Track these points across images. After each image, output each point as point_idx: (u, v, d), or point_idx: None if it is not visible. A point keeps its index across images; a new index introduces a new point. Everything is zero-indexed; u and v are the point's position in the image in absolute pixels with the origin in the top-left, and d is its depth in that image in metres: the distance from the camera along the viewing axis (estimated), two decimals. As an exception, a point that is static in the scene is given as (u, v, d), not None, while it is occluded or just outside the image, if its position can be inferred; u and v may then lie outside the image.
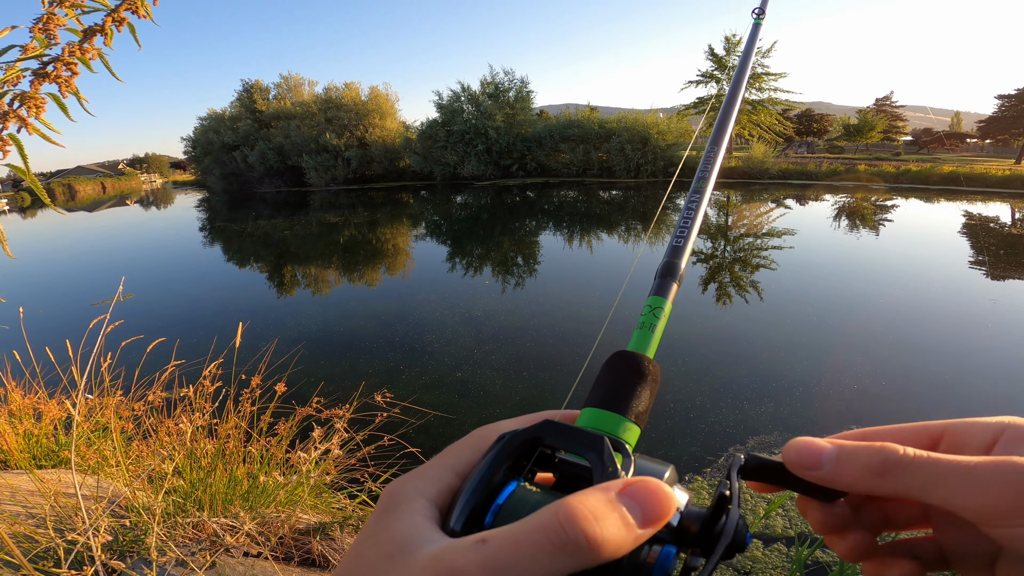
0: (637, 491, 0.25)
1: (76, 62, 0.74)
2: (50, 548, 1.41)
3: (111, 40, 0.75)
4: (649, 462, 0.31)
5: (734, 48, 33.54)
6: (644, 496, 0.25)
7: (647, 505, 0.25)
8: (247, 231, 18.13)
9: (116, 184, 64.62)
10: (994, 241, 11.84)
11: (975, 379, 4.88)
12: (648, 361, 0.35)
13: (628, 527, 0.24)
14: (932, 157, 40.43)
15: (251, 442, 2.27)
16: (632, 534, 0.24)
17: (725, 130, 0.57)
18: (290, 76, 38.87)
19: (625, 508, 0.24)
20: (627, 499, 0.25)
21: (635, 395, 0.33)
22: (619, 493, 0.25)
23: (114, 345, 2.62)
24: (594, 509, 0.24)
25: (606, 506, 0.24)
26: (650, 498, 0.25)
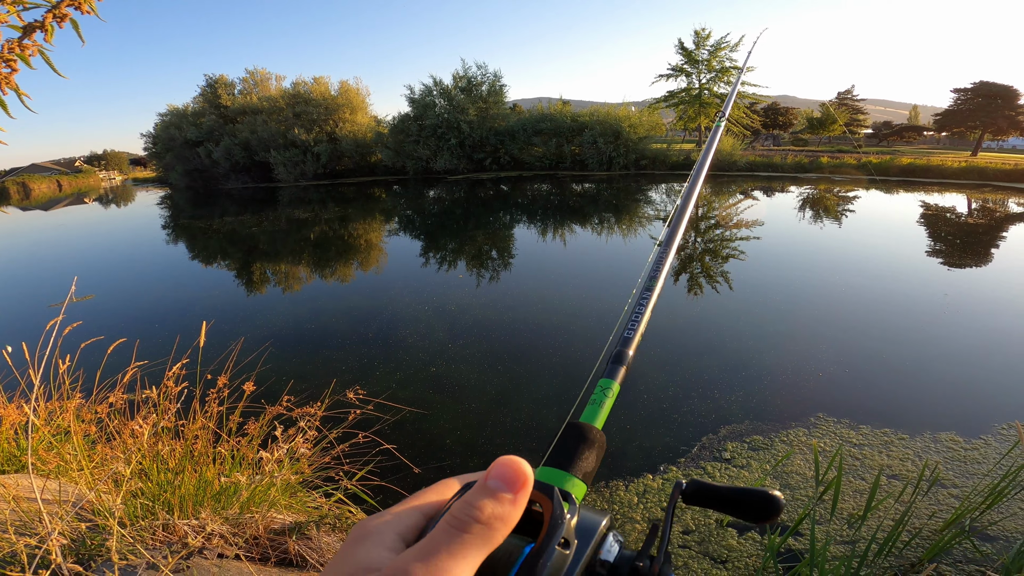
0: (497, 470, 0.32)
1: (15, 59, 0.71)
2: (14, 552, 1.37)
3: (52, 36, 0.73)
4: (590, 512, 0.37)
5: (703, 42, 33.99)
6: (502, 471, 0.32)
7: (506, 477, 0.32)
8: (213, 228, 17.68)
9: (73, 182, 62.16)
10: (951, 231, 12.30)
11: (938, 364, 5.07)
12: (596, 431, 0.41)
13: (500, 498, 0.31)
14: (891, 149, 41.72)
15: (220, 443, 2.23)
16: (506, 502, 0.31)
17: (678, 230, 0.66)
18: (256, 71, 37.91)
19: (493, 486, 0.31)
20: (493, 480, 0.32)
21: (583, 458, 0.39)
22: (485, 479, 0.32)
23: (73, 347, 2.54)
24: (473, 496, 0.31)
25: (481, 491, 0.31)
26: (507, 470, 0.32)
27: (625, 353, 0.49)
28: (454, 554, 0.29)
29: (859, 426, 3.94)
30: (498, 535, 0.31)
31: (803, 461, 3.53)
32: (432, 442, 3.95)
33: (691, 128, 38.01)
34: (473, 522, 0.30)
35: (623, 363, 0.48)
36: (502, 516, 0.31)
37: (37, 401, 1.90)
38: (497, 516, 0.31)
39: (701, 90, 34.93)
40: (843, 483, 3.23)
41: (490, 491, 0.31)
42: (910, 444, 3.73)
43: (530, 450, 3.84)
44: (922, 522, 2.93)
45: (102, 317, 7.25)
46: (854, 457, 3.57)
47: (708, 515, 2.99)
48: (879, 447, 3.70)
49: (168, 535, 1.85)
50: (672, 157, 29.19)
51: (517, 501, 0.31)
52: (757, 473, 3.40)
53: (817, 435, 3.85)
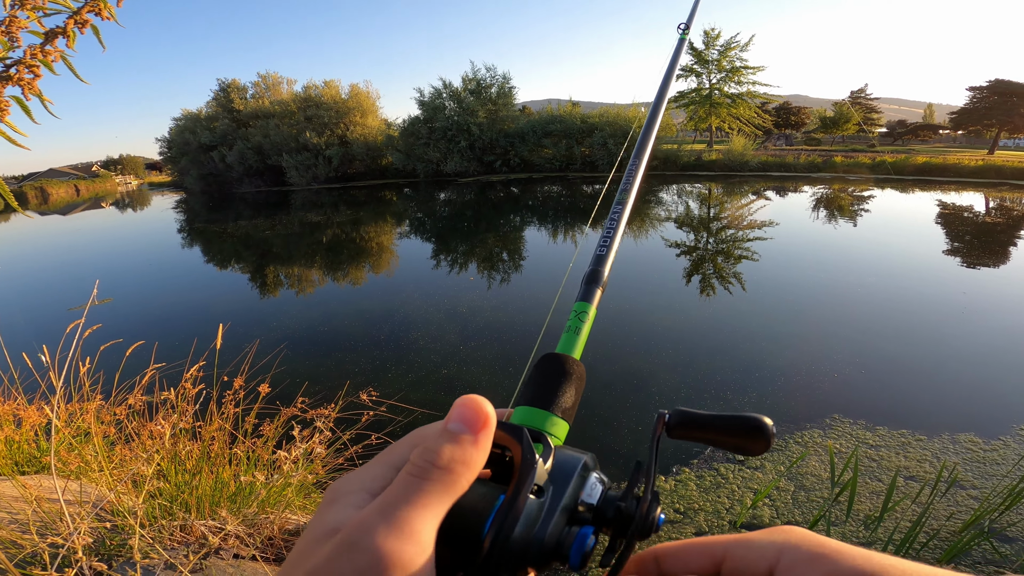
0: (456, 411, 0.31)
1: (38, 64, 0.73)
2: (36, 552, 1.40)
3: (73, 42, 0.74)
4: (569, 450, 0.34)
5: (713, 41, 33.83)
6: (461, 412, 0.30)
7: (466, 417, 0.30)
8: (227, 232, 17.87)
9: (90, 186, 63.20)
10: (968, 230, 12.12)
11: (956, 365, 5.00)
12: (574, 362, 0.38)
13: (459, 439, 0.30)
14: (906, 148, 41.19)
15: (236, 444, 2.26)
16: (466, 443, 0.30)
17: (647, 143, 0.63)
18: (268, 75, 38.43)
19: (452, 428, 0.30)
20: (452, 422, 0.30)
21: (561, 393, 0.36)
22: (445, 423, 0.31)
23: (93, 349, 2.58)
24: (432, 441, 0.30)
25: (440, 435, 0.30)
26: (466, 410, 0.30)
27: (599, 272, 0.46)
28: (414, 503, 0.27)
29: (875, 427, 3.90)
30: (461, 480, 0.29)
31: (818, 462, 3.50)
32: (444, 443, 3.96)
33: (702, 128, 37.82)
34: (432, 467, 0.28)
35: (598, 283, 0.45)
36: (463, 459, 0.29)
37: (58, 403, 1.94)
38: (457, 459, 0.29)
39: (712, 90, 34.74)
40: (859, 484, 3.19)
41: (449, 434, 0.30)
42: (928, 445, 3.68)
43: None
44: (940, 523, 2.89)
45: (120, 320, 7.36)
46: (870, 458, 3.53)
47: (721, 519, 2.97)
48: (896, 448, 3.65)
49: (185, 535, 1.87)
50: (683, 158, 29.04)
51: (478, 442, 0.30)
52: (771, 474, 3.37)
53: (832, 436, 3.81)
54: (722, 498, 3.15)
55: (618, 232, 0.49)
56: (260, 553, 2.05)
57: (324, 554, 0.26)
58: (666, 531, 2.94)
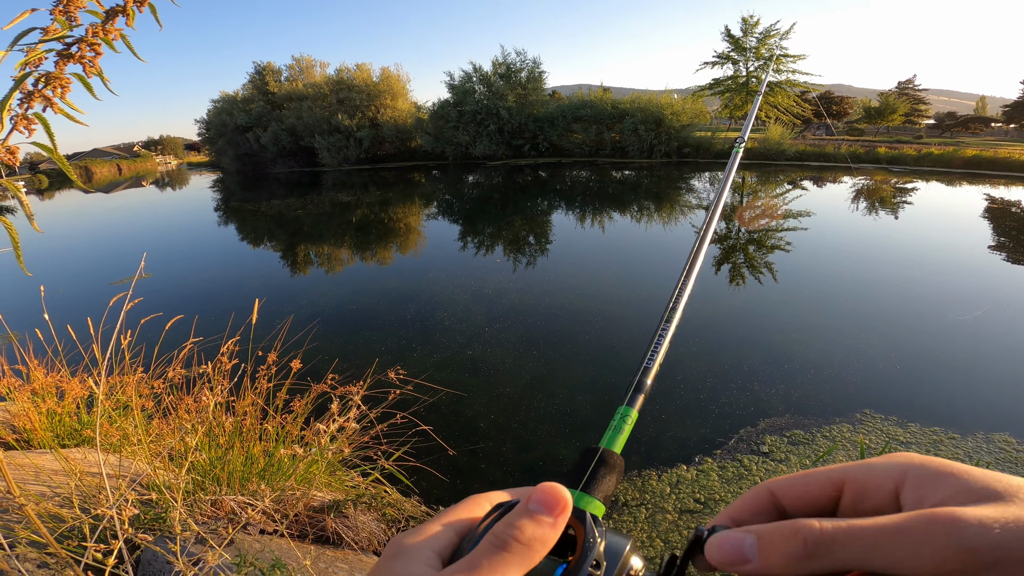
0: (539, 495, 0.33)
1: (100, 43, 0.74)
2: (75, 527, 1.45)
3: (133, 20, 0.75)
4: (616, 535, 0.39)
5: (751, 29, 32.78)
6: (543, 497, 0.33)
7: (547, 502, 0.33)
8: (261, 210, 18.23)
9: (132, 166, 65.03)
10: (1016, 225, 11.60)
11: (993, 362, 4.83)
12: (617, 457, 0.44)
13: (539, 520, 0.32)
14: (955, 141, 39.46)
15: (267, 419, 2.31)
16: (546, 525, 0.33)
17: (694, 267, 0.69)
18: (302, 58, 38.84)
19: (533, 509, 0.33)
20: (533, 504, 0.33)
21: (604, 481, 0.42)
22: (527, 503, 0.33)
23: (133, 323, 2.67)
24: (515, 517, 0.33)
25: (522, 513, 0.33)
26: (548, 496, 0.33)
27: (644, 382, 0.52)
28: (495, 571, 0.30)
29: (907, 424, 3.80)
30: (536, 556, 0.32)
31: (845, 457, 3.43)
32: (467, 425, 4.01)
33: (737, 116, 36.81)
34: (514, 542, 0.32)
35: (642, 392, 0.51)
36: (542, 538, 0.32)
37: (102, 375, 2.01)
38: (537, 538, 0.32)
39: (749, 78, 33.72)
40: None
41: (531, 514, 0.33)
42: (961, 444, 3.57)
43: (564, 436, 3.85)
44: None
45: (158, 295, 7.61)
46: (901, 458, 3.45)
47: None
48: (928, 446, 3.56)
49: (216, 510, 1.93)
50: (716, 145, 28.38)
51: (556, 525, 0.33)
52: (796, 468, 3.32)
53: (863, 431, 3.73)
54: (744, 490, 3.11)
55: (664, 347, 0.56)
56: (287, 529, 2.11)
57: None
58: (684, 520, 2.93)
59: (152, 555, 1.67)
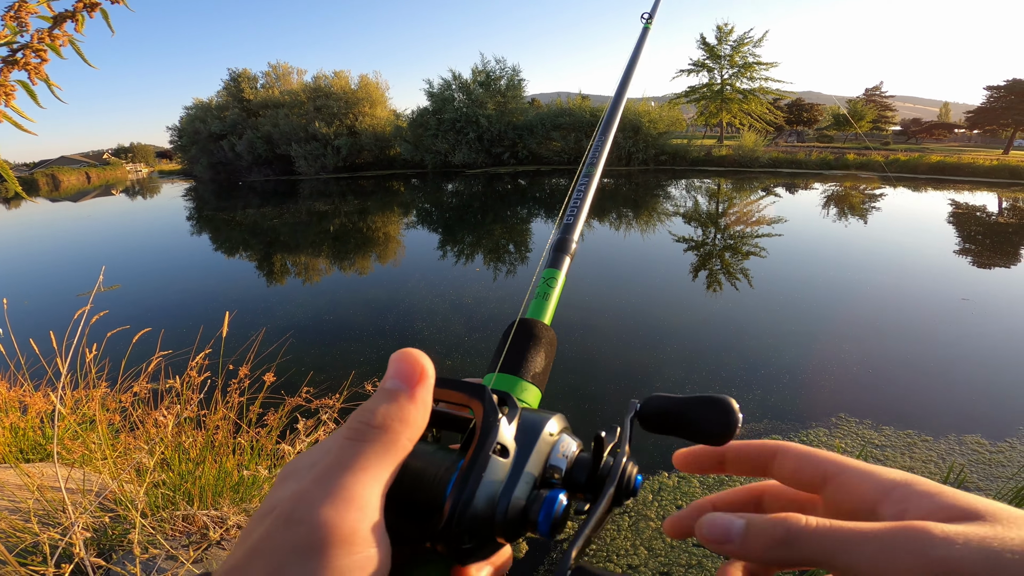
0: (392, 367, 0.29)
1: (45, 49, 0.72)
2: (37, 543, 1.40)
3: (82, 26, 0.73)
4: (535, 412, 0.33)
5: (726, 37, 33.52)
6: (397, 367, 0.28)
7: (402, 371, 0.28)
8: (235, 220, 17.94)
9: (101, 174, 63.54)
10: (981, 230, 11.98)
11: (964, 365, 4.95)
12: (543, 326, 0.38)
13: (396, 396, 0.28)
14: (920, 147, 40.71)
15: (240, 433, 2.26)
16: (404, 400, 0.28)
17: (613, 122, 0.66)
18: (279, 65, 38.56)
19: (388, 386, 0.28)
20: (389, 379, 0.28)
21: (530, 358, 0.36)
22: (385, 378, 0.29)
23: (100, 336, 2.59)
24: (368, 401, 0.28)
25: (376, 394, 0.28)
26: (401, 364, 0.28)
27: (568, 240, 0.47)
28: (352, 467, 0.26)
29: (881, 427, 3.86)
30: (401, 438, 0.27)
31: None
32: (448, 436, 3.97)
33: (712, 124, 37.55)
34: (368, 428, 0.27)
35: (566, 251, 0.46)
36: (400, 416, 0.27)
37: (64, 389, 1.94)
38: (394, 416, 0.27)
39: (723, 85, 34.45)
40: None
41: (385, 392, 0.28)
42: (934, 446, 3.64)
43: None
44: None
45: (128, 307, 7.41)
46: (876, 458, 3.50)
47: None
48: (902, 448, 3.62)
49: (187, 526, 1.88)
50: (692, 152, 28.85)
51: (416, 396, 0.28)
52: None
53: (838, 435, 3.79)
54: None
55: (585, 202, 0.50)
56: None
57: (264, 530, 0.25)
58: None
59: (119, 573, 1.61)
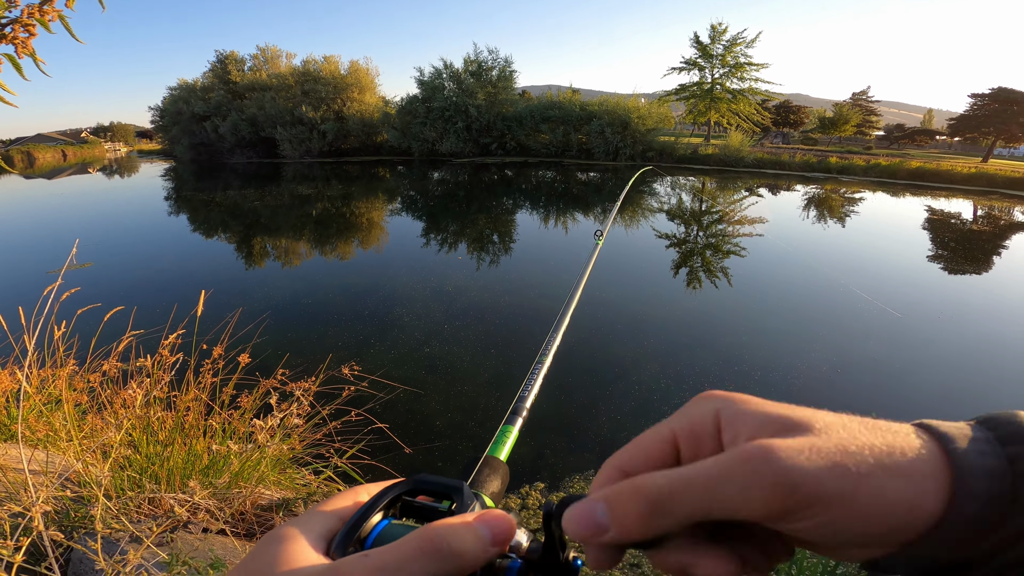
0: (487, 518, 0.32)
1: (35, 24, 0.72)
2: (-2, 520, 1.38)
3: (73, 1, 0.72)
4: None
5: (719, 36, 33.67)
6: (492, 521, 0.32)
7: (495, 528, 0.32)
8: (215, 201, 17.65)
9: (78, 152, 61.88)
10: (954, 236, 12.25)
11: (933, 368, 5.08)
12: (500, 462, 0.48)
13: (481, 542, 0.31)
14: (902, 152, 41.39)
15: (212, 415, 2.24)
16: (484, 548, 0.31)
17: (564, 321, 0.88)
18: (267, 48, 37.99)
19: (478, 528, 0.31)
20: (480, 523, 0.31)
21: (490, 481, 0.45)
22: (475, 519, 0.32)
23: (70, 314, 2.55)
24: (455, 528, 0.31)
25: (464, 527, 0.31)
26: (497, 523, 0.32)
27: (522, 407, 0.63)
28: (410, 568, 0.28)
29: (848, 426, 3.95)
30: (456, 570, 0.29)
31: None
32: (424, 423, 3.98)
33: (700, 122, 37.75)
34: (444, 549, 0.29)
35: (519, 414, 0.62)
36: (472, 558, 0.30)
37: (30, 368, 1.91)
38: (468, 555, 0.30)
39: (713, 85, 34.63)
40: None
41: (473, 529, 0.31)
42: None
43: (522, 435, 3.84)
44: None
45: (100, 285, 7.28)
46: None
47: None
48: (867, 448, 3.72)
49: (154, 508, 1.86)
50: (679, 150, 29.00)
51: (490, 554, 0.31)
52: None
53: (806, 433, 3.87)
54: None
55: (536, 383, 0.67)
56: (231, 528, 2.05)
57: None
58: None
59: (82, 554, 1.60)
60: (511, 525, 0.32)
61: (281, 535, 0.32)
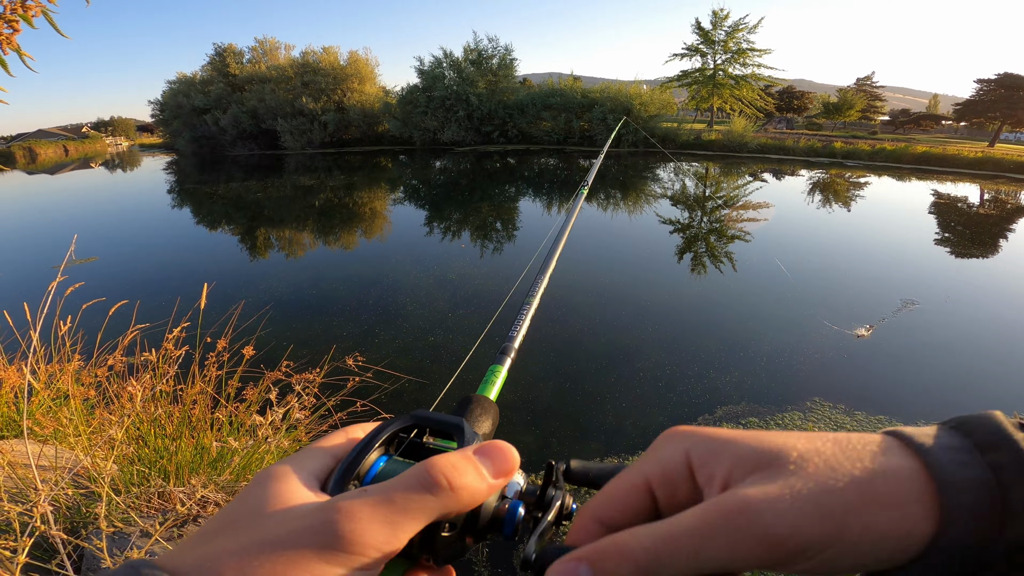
0: (488, 450, 0.31)
1: (18, 19, 0.70)
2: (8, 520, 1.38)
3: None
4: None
5: (721, 22, 33.29)
6: (494, 453, 0.31)
7: (496, 461, 0.31)
8: (218, 193, 17.64)
9: (80, 147, 61.87)
10: (961, 220, 12.15)
11: (938, 353, 5.05)
12: (489, 401, 0.48)
13: (481, 477, 0.30)
14: (907, 137, 41.00)
15: (218, 408, 2.24)
16: (485, 483, 0.30)
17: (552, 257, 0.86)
18: (266, 40, 37.85)
19: (479, 462, 0.31)
20: (481, 456, 0.31)
21: (481, 421, 0.45)
22: (475, 452, 0.31)
23: (75, 309, 2.55)
24: (455, 462, 0.30)
25: (464, 461, 0.30)
26: (499, 455, 0.31)
27: (510, 348, 0.64)
28: (407, 510, 0.27)
29: (854, 412, 3.95)
30: (456, 507, 0.29)
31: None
32: (429, 413, 3.98)
33: (703, 108, 37.44)
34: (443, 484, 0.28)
35: (508, 355, 0.62)
36: (473, 491, 0.29)
37: (37, 364, 1.91)
38: (469, 489, 0.29)
39: (716, 71, 34.29)
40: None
41: (473, 462, 0.30)
42: (905, 432, 3.74)
43: (525, 423, 3.87)
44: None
45: (105, 279, 7.29)
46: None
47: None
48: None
49: (163, 502, 1.87)
50: (682, 136, 28.78)
51: (495, 487, 0.31)
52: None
53: (812, 419, 3.87)
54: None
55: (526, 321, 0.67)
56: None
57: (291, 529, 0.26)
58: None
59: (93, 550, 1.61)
60: (513, 457, 0.32)
61: (273, 473, 0.30)
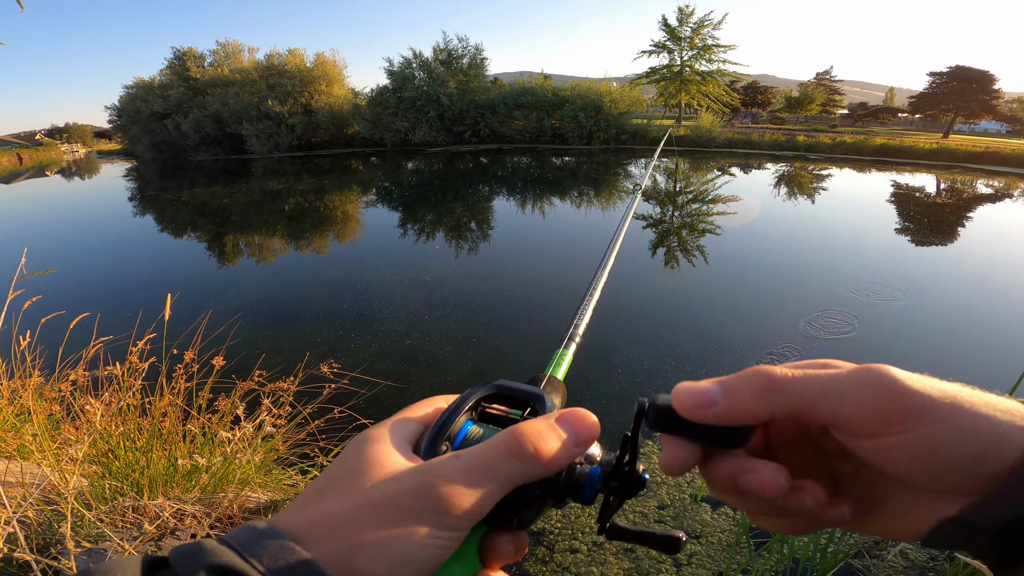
0: (571, 417, 0.33)
1: None
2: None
3: None
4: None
5: (687, 19, 33.82)
6: (576, 421, 0.32)
7: (578, 428, 0.32)
8: (182, 200, 17.18)
9: (34, 155, 59.49)
10: (920, 210, 12.57)
11: (902, 343, 5.21)
12: (559, 381, 0.51)
13: (564, 443, 0.31)
14: (866, 130, 42.23)
15: (190, 420, 2.18)
16: (567, 449, 0.31)
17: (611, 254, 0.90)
18: (228, 43, 36.80)
19: (561, 429, 0.32)
20: (563, 423, 0.32)
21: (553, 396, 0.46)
22: (556, 419, 0.32)
23: (34, 323, 2.45)
24: (539, 429, 0.31)
25: (547, 428, 0.31)
26: (581, 423, 0.32)
27: (576, 333, 0.64)
28: (496, 473, 0.29)
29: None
30: (540, 473, 0.31)
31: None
32: (409, 417, 3.94)
33: (671, 104, 37.98)
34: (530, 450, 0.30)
35: (574, 340, 0.64)
36: (555, 457, 0.31)
37: (-4, 379, 1.83)
38: (550, 454, 0.30)
39: (683, 67, 34.81)
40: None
41: (556, 430, 0.31)
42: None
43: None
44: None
45: (66, 292, 7.03)
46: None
47: (683, 492, 3.05)
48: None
49: (138, 516, 1.81)
50: (652, 132, 29.13)
51: (574, 454, 0.32)
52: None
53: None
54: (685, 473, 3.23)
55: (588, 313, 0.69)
56: (218, 533, 2.00)
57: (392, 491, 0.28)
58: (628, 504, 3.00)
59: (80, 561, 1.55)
60: (594, 425, 0.33)
61: (369, 436, 0.33)
